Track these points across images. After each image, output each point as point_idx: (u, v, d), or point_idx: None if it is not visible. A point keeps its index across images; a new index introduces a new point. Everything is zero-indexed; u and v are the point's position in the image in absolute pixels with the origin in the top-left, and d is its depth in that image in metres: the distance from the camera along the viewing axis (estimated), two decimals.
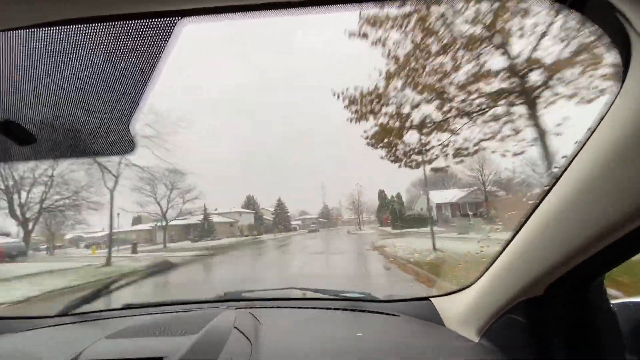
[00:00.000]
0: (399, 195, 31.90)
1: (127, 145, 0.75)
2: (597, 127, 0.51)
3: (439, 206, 35.27)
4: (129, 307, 1.49)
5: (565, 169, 0.58)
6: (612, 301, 0.72)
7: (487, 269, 0.90)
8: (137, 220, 41.70)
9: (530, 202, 0.69)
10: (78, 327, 1.32)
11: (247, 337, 0.95)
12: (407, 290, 4.73)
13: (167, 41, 0.47)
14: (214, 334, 0.92)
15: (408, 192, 47.62)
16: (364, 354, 0.91)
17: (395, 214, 28.94)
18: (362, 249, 14.20)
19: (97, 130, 0.71)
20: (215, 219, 42.80)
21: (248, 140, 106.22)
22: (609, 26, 0.45)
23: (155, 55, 0.50)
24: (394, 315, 1.23)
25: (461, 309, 1.03)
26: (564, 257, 0.60)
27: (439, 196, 37.12)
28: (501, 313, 0.82)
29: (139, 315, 1.38)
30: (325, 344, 0.98)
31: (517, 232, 0.73)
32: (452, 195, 35.89)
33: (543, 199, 0.64)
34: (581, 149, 0.55)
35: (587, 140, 0.53)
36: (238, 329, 0.98)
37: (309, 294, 1.50)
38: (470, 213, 27.73)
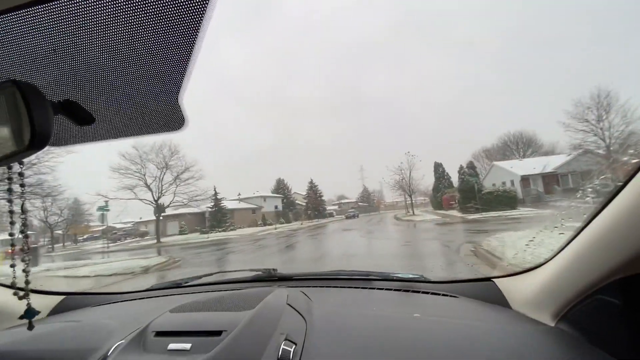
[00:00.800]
0: (472, 165, 22.43)
1: (179, 120, 0.77)
2: None
3: (524, 180, 25.20)
4: (190, 284, 1.62)
5: None
6: None
7: (566, 245, 0.82)
8: (159, 209, 35.96)
9: (634, 160, 0.58)
10: (146, 302, 1.50)
11: (300, 314, 0.98)
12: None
13: (206, 6, 0.48)
14: (269, 310, 0.96)
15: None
16: (423, 334, 0.88)
17: (472, 192, 19.62)
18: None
19: (148, 107, 0.73)
20: (236, 205, 36.33)
21: (279, 117, 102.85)
22: None
23: (195, 23, 0.50)
24: (452, 296, 1.15)
25: (532, 290, 0.95)
26: None
27: (520, 166, 26.86)
28: (588, 293, 0.72)
29: (199, 292, 1.48)
30: (380, 323, 0.96)
31: (612, 198, 0.63)
32: (540, 163, 25.49)
33: None
34: None
35: None
36: (291, 306, 1.02)
37: (358, 275, 1.50)
38: (583, 187, 17.40)
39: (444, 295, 1.15)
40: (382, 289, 1.28)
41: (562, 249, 0.83)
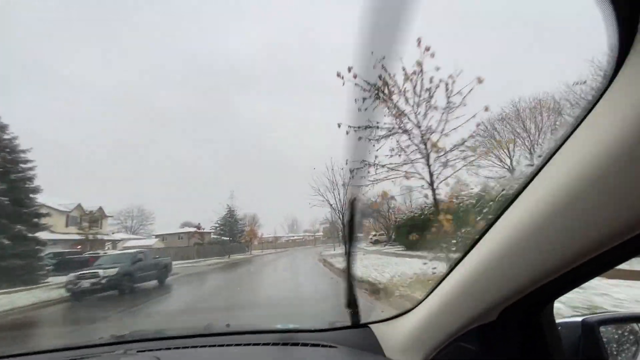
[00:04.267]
0: None
1: None
2: (573, 132, 0.43)
3: None
4: (9, 354, 1.25)
5: (531, 180, 0.50)
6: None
7: (431, 292, 0.84)
8: None
9: (489, 215, 0.58)
10: None
11: None
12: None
13: None
14: None
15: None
16: None
17: None
18: None
19: None
20: None
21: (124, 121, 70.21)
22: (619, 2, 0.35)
23: None
24: (331, 346, 1.10)
25: (403, 336, 0.95)
26: (525, 282, 0.53)
27: None
28: (450, 340, 0.76)
29: None
30: None
31: (469, 250, 0.66)
32: None
33: (503, 212, 0.56)
34: (547, 162, 0.47)
35: (559, 148, 0.45)
36: None
37: (232, 328, 1.34)
38: None
39: (322, 346, 1.09)
40: (258, 344, 1.14)
41: (427, 297, 0.84)
